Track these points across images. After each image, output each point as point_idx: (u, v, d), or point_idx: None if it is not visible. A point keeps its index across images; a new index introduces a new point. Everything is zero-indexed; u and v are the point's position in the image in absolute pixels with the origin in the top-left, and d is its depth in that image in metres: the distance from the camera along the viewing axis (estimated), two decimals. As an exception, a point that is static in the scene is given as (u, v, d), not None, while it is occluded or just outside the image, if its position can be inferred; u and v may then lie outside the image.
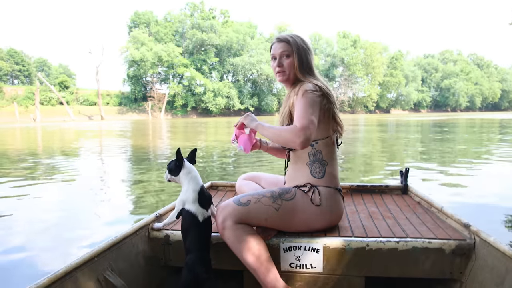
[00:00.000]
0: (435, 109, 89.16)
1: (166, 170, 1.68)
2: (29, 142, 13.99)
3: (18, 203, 4.16)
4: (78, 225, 3.37)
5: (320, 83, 1.64)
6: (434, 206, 1.98)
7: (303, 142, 1.48)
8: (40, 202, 4.22)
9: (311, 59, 1.73)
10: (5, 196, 4.47)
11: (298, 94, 1.59)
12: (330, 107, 1.64)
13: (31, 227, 3.28)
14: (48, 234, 3.11)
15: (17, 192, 4.64)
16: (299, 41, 1.70)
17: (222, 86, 56.89)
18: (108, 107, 53.89)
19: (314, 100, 1.56)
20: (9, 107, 45.01)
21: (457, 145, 9.99)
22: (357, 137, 13.58)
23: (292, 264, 1.59)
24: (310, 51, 1.73)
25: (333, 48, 71.30)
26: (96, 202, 4.22)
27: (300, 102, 1.56)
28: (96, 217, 3.61)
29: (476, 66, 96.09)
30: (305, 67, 1.69)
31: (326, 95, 1.62)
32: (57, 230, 3.22)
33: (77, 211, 3.85)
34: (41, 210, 3.85)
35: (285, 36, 1.72)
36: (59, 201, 4.35)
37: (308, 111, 1.52)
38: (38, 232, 3.13)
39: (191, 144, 11.15)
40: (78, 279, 1.30)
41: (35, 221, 3.46)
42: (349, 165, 6.43)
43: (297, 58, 1.68)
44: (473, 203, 3.81)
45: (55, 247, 2.81)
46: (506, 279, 1.32)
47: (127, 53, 54.76)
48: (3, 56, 59.96)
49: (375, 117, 49.62)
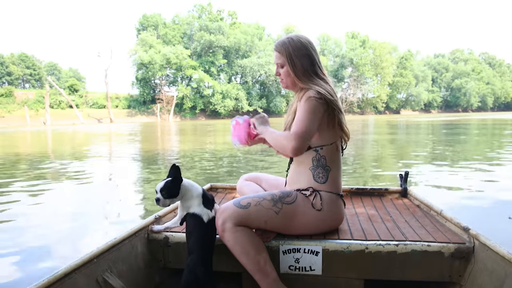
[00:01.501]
0: (445, 109, 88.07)
1: (161, 196, 1.52)
2: (40, 145, 14.04)
3: (33, 205, 4.17)
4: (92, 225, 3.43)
5: (323, 90, 1.58)
6: (434, 210, 1.97)
7: (296, 149, 1.51)
8: (57, 204, 4.27)
9: (310, 63, 1.66)
10: (17, 199, 4.49)
11: (301, 100, 1.58)
12: (334, 114, 1.60)
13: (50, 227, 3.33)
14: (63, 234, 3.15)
15: (36, 195, 4.69)
16: (293, 47, 1.64)
17: (231, 88, 56.86)
18: (117, 110, 54.23)
19: (316, 107, 1.54)
20: (20, 111, 45.53)
21: (465, 147, 9.79)
22: (366, 138, 13.35)
23: (291, 267, 1.59)
24: (309, 54, 1.66)
25: (342, 48, 70.83)
26: (112, 202, 4.35)
27: (301, 108, 1.56)
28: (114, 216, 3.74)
29: (488, 65, 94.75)
30: (301, 74, 1.64)
31: (330, 102, 1.58)
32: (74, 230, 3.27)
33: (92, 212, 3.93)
34: (54, 213, 3.85)
35: (278, 45, 1.69)
36: (73, 203, 4.36)
37: (307, 118, 1.52)
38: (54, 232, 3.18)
39: (199, 148, 11.05)
40: (77, 280, 1.29)
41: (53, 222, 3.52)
42: (352, 168, 6.23)
43: (291, 66, 1.64)
44: (478, 207, 3.78)
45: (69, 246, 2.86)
46: (505, 282, 1.31)
47: (135, 55, 55.06)
48: (14, 60, 60.86)
49: (385, 118, 49.17)
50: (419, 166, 6.42)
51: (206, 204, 1.55)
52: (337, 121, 1.62)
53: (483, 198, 4.12)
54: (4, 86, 51.94)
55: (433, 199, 2.16)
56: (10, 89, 49.75)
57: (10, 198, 4.55)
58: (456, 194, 4.38)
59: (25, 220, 3.58)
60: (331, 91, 1.61)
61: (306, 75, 1.64)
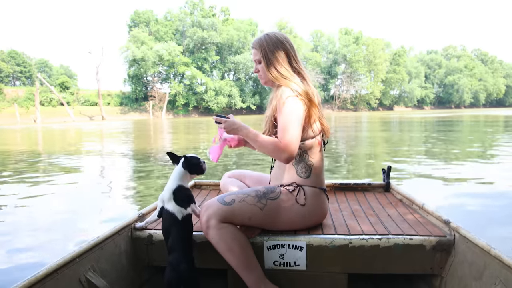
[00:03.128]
0: (438, 105, 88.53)
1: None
2: (30, 143, 13.72)
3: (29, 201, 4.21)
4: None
5: (296, 86, 1.59)
6: (416, 203, 2.00)
7: (288, 159, 1.52)
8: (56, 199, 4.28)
9: (286, 58, 1.66)
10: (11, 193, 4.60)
11: (279, 100, 1.57)
12: (312, 111, 1.60)
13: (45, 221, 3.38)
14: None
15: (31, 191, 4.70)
16: (268, 43, 1.65)
17: (224, 85, 56.54)
18: (109, 107, 53.66)
19: (295, 108, 1.54)
20: (10, 108, 44.82)
21: (453, 143, 9.82)
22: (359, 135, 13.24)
23: (276, 262, 1.60)
24: (284, 49, 1.66)
25: (335, 45, 70.75)
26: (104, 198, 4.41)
27: (282, 113, 1.55)
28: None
29: (480, 62, 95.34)
30: (275, 69, 1.64)
31: (307, 98, 1.58)
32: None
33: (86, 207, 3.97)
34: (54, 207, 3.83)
35: (255, 42, 1.71)
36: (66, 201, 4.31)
37: (290, 124, 1.52)
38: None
39: (193, 146, 10.89)
40: (59, 280, 1.28)
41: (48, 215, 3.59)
42: (340, 165, 6.09)
43: (265, 62, 1.65)
44: (460, 200, 3.85)
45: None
46: (484, 273, 1.35)
47: (127, 52, 54.48)
48: (4, 57, 59.99)
49: (378, 114, 49.23)
50: (406, 161, 6.43)
51: (179, 201, 1.55)
52: (314, 116, 1.62)
53: (467, 193, 4.18)
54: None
55: (416, 193, 2.17)
56: (0, 86, 48.96)
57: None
58: (440, 188, 4.44)
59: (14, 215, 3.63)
60: (306, 87, 1.61)
61: (281, 71, 1.64)
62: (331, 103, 71.41)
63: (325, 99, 70.80)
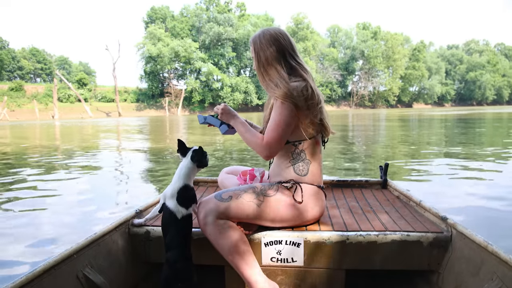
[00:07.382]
0: (459, 102, 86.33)
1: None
2: (48, 139, 13.77)
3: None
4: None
5: (294, 87, 1.53)
6: (413, 200, 2.00)
7: (267, 157, 1.57)
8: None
9: (279, 55, 1.60)
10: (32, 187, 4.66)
11: (277, 100, 1.56)
12: (310, 111, 1.57)
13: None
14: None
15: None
16: (261, 40, 1.62)
17: (240, 81, 56.37)
18: (126, 104, 54.21)
19: (287, 112, 1.53)
20: (30, 105, 45.78)
21: (470, 141, 9.44)
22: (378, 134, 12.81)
23: (273, 258, 1.60)
24: (277, 46, 1.60)
25: (353, 40, 69.67)
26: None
27: (276, 111, 1.55)
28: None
29: (504, 57, 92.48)
30: (264, 68, 1.62)
31: (305, 98, 1.54)
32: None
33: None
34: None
35: (251, 38, 1.68)
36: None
37: (279, 125, 1.53)
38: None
39: (209, 140, 10.68)
40: (56, 277, 1.28)
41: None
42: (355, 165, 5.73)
43: (255, 59, 1.64)
44: (457, 196, 3.78)
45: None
46: (481, 269, 1.36)
47: (143, 49, 54.88)
48: (25, 55, 61.39)
49: (396, 112, 48.18)
50: (407, 159, 6.31)
51: (181, 201, 1.51)
52: (314, 115, 1.59)
53: (465, 190, 4.10)
54: (14, 81, 52.26)
55: (415, 189, 2.14)
56: (20, 83, 50.00)
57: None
58: (438, 184, 4.37)
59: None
60: (304, 85, 1.54)
61: (270, 69, 1.60)
62: (349, 100, 70.42)
63: (342, 96, 69.90)
